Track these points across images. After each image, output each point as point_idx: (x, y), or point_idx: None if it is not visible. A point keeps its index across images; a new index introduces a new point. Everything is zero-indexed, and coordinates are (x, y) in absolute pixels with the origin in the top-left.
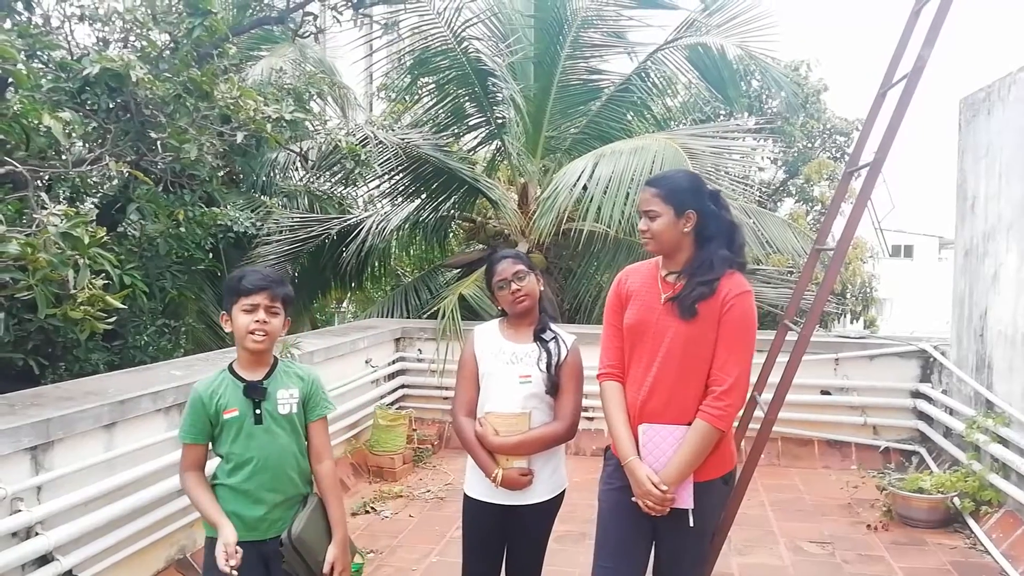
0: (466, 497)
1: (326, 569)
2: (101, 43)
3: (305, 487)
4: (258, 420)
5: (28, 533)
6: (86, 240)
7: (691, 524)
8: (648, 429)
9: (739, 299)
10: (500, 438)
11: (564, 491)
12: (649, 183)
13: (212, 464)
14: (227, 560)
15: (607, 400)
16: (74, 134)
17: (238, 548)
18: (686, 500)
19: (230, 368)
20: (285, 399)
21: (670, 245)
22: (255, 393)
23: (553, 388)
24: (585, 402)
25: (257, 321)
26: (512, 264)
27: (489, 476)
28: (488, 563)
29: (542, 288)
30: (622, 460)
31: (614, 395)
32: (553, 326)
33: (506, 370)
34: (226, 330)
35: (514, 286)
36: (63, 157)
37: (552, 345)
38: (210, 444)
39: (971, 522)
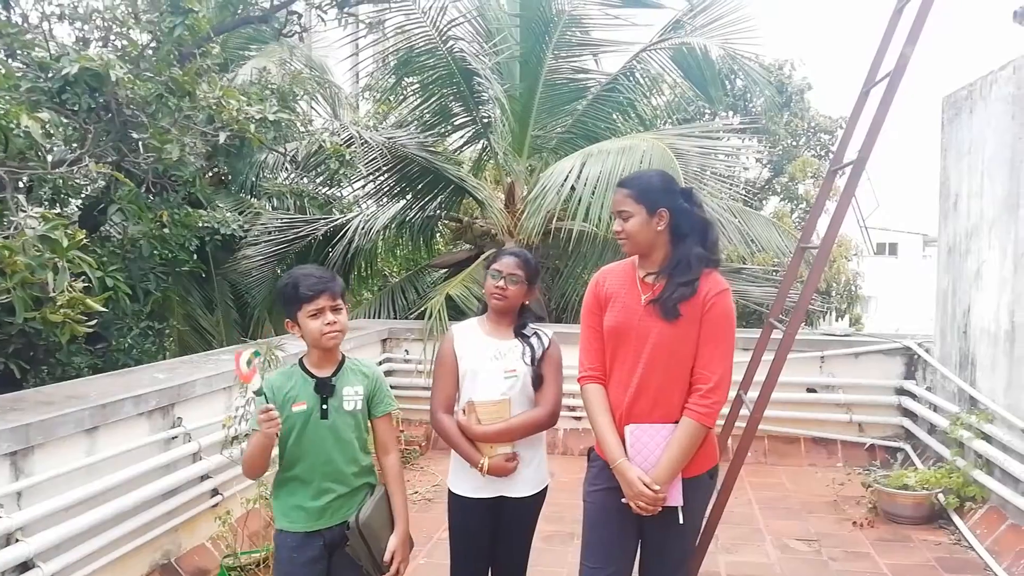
0: (451, 494)
1: (387, 558)
2: (81, 42)
3: (367, 479)
4: (324, 415)
5: (8, 540)
6: (65, 243)
7: (680, 521)
8: (635, 429)
9: (719, 297)
10: (483, 426)
11: (547, 487)
12: (621, 184)
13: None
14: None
15: (590, 403)
16: (54, 135)
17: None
18: (676, 498)
19: (300, 364)
20: (351, 396)
21: (645, 245)
22: (324, 390)
23: (537, 380)
24: (572, 402)
25: (328, 324)
26: (515, 265)
27: (475, 466)
28: (476, 561)
29: (529, 302)
30: (611, 462)
31: (597, 398)
32: (532, 324)
33: (492, 366)
34: (296, 336)
35: (501, 283)
36: (41, 158)
37: (534, 340)
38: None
39: (956, 518)
